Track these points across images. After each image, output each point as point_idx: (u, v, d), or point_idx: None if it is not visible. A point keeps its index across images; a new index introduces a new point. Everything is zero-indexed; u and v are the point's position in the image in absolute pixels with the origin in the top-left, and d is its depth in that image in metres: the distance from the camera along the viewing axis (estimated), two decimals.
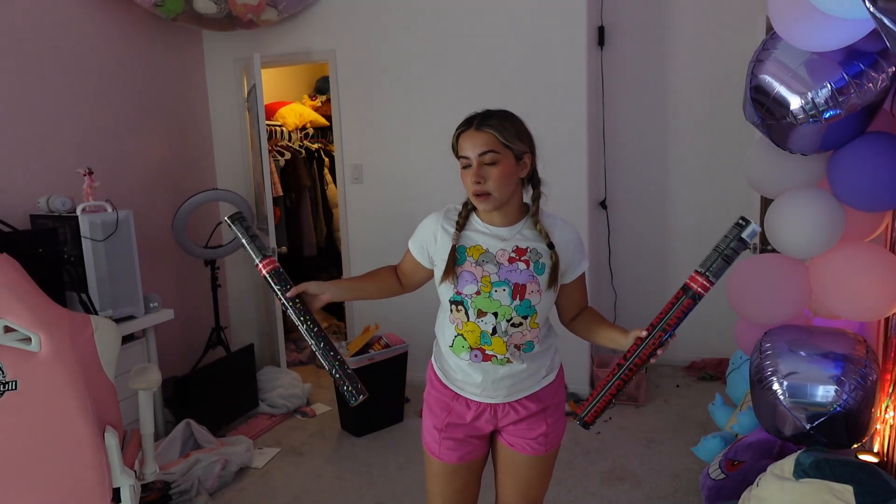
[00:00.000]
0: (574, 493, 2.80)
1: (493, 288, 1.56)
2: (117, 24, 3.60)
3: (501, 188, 1.54)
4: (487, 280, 1.57)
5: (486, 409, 1.68)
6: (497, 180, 1.53)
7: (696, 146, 4.10)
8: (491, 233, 1.61)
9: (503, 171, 1.54)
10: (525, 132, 1.61)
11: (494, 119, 1.57)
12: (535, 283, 1.57)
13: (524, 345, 1.62)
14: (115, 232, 2.89)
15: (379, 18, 3.90)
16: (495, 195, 1.54)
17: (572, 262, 1.63)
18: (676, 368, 4.24)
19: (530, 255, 1.58)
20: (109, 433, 1.87)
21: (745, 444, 2.48)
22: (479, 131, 1.55)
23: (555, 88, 3.65)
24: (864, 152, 2.08)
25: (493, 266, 1.58)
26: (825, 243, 2.26)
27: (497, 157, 1.54)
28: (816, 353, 2.15)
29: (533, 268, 1.58)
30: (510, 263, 1.57)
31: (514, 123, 1.59)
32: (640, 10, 4.07)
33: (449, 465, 1.73)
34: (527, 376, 1.66)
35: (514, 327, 1.59)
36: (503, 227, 1.61)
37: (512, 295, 1.56)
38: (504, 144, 1.54)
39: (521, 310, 1.58)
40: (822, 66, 1.95)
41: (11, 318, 1.74)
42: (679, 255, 4.24)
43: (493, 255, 1.58)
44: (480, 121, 1.57)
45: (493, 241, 1.60)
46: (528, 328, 1.60)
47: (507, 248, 1.58)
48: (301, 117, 5.07)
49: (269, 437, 3.47)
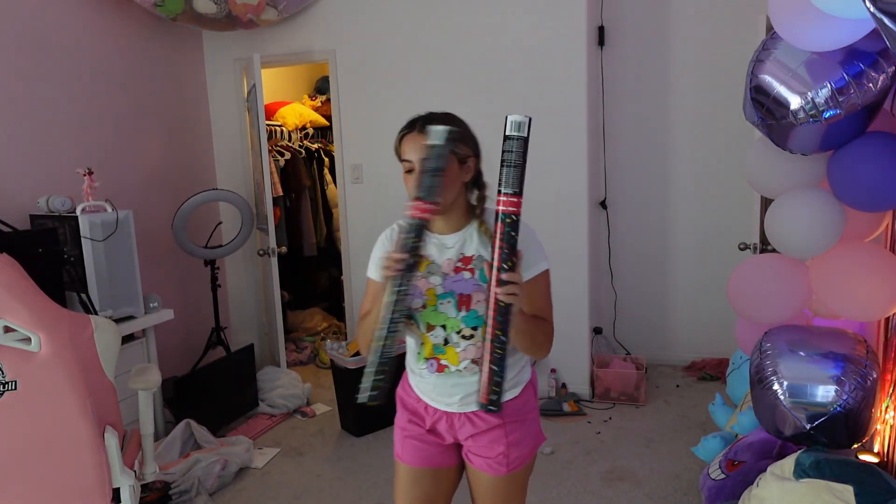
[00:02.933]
0: (574, 493, 2.80)
1: (439, 301, 1.51)
2: (117, 24, 3.60)
3: (445, 194, 1.47)
4: (432, 293, 1.52)
5: (442, 416, 1.62)
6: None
7: (696, 146, 4.10)
8: (436, 242, 1.55)
9: (446, 176, 1.46)
10: (469, 135, 1.57)
11: (437, 122, 1.49)
12: (481, 291, 1.50)
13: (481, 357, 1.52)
14: (115, 232, 2.89)
15: (379, 18, 3.90)
16: (440, 200, 1.46)
17: (525, 262, 1.48)
18: (676, 368, 4.24)
19: (476, 262, 1.52)
20: (109, 433, 1.88)
21: (745, 444, 2.48)
22: (422, 134, 1.47)
23: (555, 88, 3.65)
24: (864, 152, 2.08)
25: (439, 277, 1.52)
26: (825, 243, 2.26)
27: None
28: (816, 353, 2.15)
29: (478, 276, 1.51)
30: (455, 273, 1.51)
31: (458, 125, 1.54)
32: (640, 10, 4.07)
33: (411, 468, 1.67)
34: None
35: (466, 339, 1.52)
36: (448, 235, 1.55)
37: (457, 306, 1.50)
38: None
39: (469, 321, 1.51)
40: (822, 66, 1.95)
41: (11, 318, 1.74)
42: (679, 255, 4.24)
43: (439, 266, 1.53)
44: (423, 123, 1.50)
45: (439, 250, 1.54)
46: (480, 339, 1.49)
47: (452, 258, 1.53)
48: (301, 117, 5.07)
49: (269, 437, 3.47)
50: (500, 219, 1.31)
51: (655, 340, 4.34)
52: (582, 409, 3.64)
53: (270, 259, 3.95)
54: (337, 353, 3.46)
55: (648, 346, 4.31)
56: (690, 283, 4.23)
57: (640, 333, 4.34)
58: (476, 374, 1.51)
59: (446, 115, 1.56)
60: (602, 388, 3.76)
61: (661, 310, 4.32)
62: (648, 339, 4.33)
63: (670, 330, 4.33)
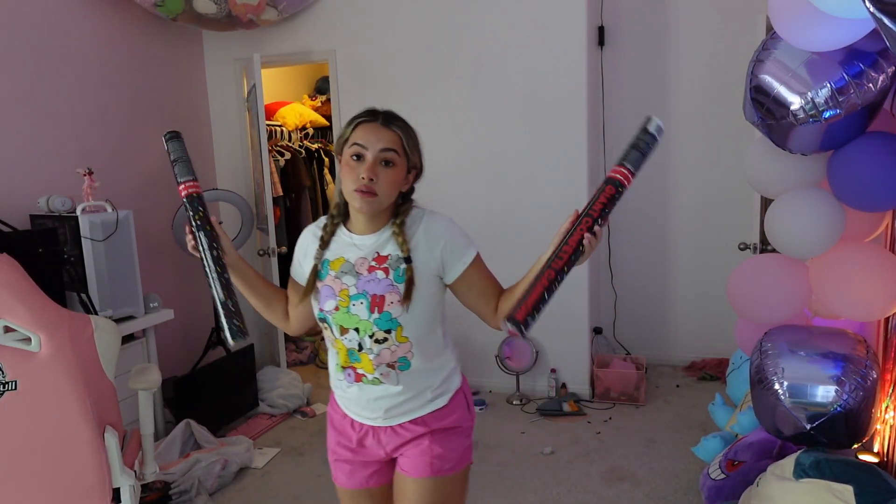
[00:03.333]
0: (574, 493, 2.80)
1: (351, 302, 1.43)
2: (117, 24, 3.60)
3: (389, 194, 1.42)
4: (346, 294, 1.44)
5: (368, 430, 1.54)
6: (388, 184, 1.41)
7: (696, 146, 4.10)
8: (353, 241, 1.48)
9: (396, 176, 1.42)
10: (420, 150, 1.50)
11: (401, 122, 1.48)
12: (396, 292, 1.42)
13: (397, 362, 1.46)
14: (115, 232, 2.89)
15: (379, 18, 3.90)
16: (381, 198, 1.41)
17: (449, 258, 1.47)
18: (676, 368, 4.24)
19: (391, 261, 1.44)
20: (109, 433, 1.88)
21: (745, 444, 2.48)
22: (386, 128, 1.44)
23: (555, 88, 3.65)
24: (864, 152, 2.08)
25: (352, 277, 1.45)
26: (825, 243, 2.26)
27: (396, 160, 1.42)
28: (816, 353, 2.15)
29: (393, 276, 1.43)
30: (369, 273, 1.44)
31: (416, 135, 1.49)
32: (640, 10, 4.07)
33: (346, 490, 1.61)
34: (405, 399, 1.49)
35: (379, 343, 1.44)
36: (366, 235, 1.48)
37: (370, 307, 1.42)
38: (405, 150, 1.44)
39: (382, 323, 1.43)
40: (822, 66, 1.95)
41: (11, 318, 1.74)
42: (679, 255, 4.24)
43: (353, 266, 1.46)
44: (387, 118, 1.47)
45: (354, 249, 1.48)
46: (395, 343, 1.44)
47: (367, 257, 1.45)
48: (301, 117, 5.07)
49: (269, 437, 3.47)
50: (613, 183, 1.34)
51: (655, 340, 4.34)
52: (582, 409, 3.64)
53: (270, 259, 3.95)
54: None
55: (648, 346, 4.31)
56: (690, 283, 4.23)
57: (640, 333, 4.34)
58: (397, 383, 1.47)
59: (406, 121, 1.50)
60: (602, 388, 3.76)
61: (661, 310, 4.32)
62: (648, 339, 4.33)
63: (670, 330, 4.33)
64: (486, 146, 3.82)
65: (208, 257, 1.46)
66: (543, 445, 3.23)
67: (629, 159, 1.41)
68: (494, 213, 3.84)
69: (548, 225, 3.68)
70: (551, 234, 1.44)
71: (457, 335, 1.49)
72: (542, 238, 1.62)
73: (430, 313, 1.48)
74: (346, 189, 1.42)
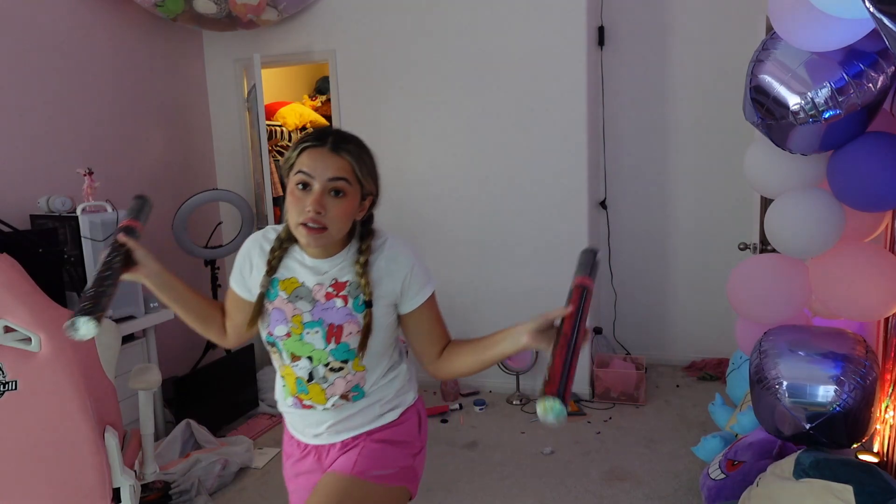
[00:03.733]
0: (574, 493, 2.80)
1: (305, 329, 1.34)
2: (117, 24, 3.60)
3: (340, 227, 1.30)
4: (299, 320, 1.34)
5: (311, 450, 1.46)
6: (339, 217, 1.27)
7: (696, 146, 4.10)
8: (306, 263, 1.37)
9: (347, 207, 1.29)
10: (376, 172, 1.37)
11: (353, 146, 1.32)
12: (355, 322, 1.33)
13: (351, 392, 1.39)
14: (115, 232, 2.88)
15: (379, 19, 3.90)
16: (332, 232, 1.28)
17: (409, 289, 1.37)
18: (676, 368, 4.24)
19: (350, 289, 1.34)
20: (109, 433, 1.88)
21: (745, 444, 2.48)
22: (336, 154, 1.28)
23: (555, 88, 3.65)
24: (864, 152, 2.08)
25: (307, 303, 1.34)
26: (825, 243, 2.26)
27: (347, 189, 1.27)
28: (816, 353, 2.15)
29: (352, 304, 1.33)
30: (327, 300, 1.33)
31: (370, 158, 1.35)
32: (640, 10, 4.07)
33: None
34: (353, 414, 1.41)
35: (334, 372, 1.36)
36: (323, 259, 1.36)
37: (326, 337, 1.33)
38: (357, 178, 1.30)
39: (339, 354, 1.34)
40: (821, 66, 1.95)
41: (11, 318, 1.75)
42: (679, 256, 4.24)
43: (310, 290, 1.35)
44: (337, 142, 1.30)
45: (310, 273, 1.36)
46: (351, 372, 1.37)
47: (324, 282, 1.34)
48: (301, 117, 5.07)
49: (269, 437, 3.47)
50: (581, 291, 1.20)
51: (655, 340, 4.34)
52: (582, 409, 3.64)
53: None
54: None
55: (648, 346, 4.31)
56: (690, 283, 4.23)
57: (640, 333, 4.34)
58: (350, 408, 1.39)
59: (360, 141, 1.35)
60: (602, 387, 3.76)
61: (661, 310, 4.32)
62: (648, 339, 4.33)
63: (670, 330, 4.33)
64: (485, 146, 3.82)
65: (101, 260, 1.39)
66: (543, 445, 3.23)
67: (582, 269, 1.29)
68: (494, 213, 3.84)
69: (548, 225, 3.71)
70: (551, 233, 1.44)
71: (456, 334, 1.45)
72: (541, 238, 1.62)
73: (387, 340, 1.41)
74: (291, 221, 1.30)
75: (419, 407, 1.52)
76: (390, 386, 1.44)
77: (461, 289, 3.91)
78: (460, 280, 3.91)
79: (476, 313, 3.87)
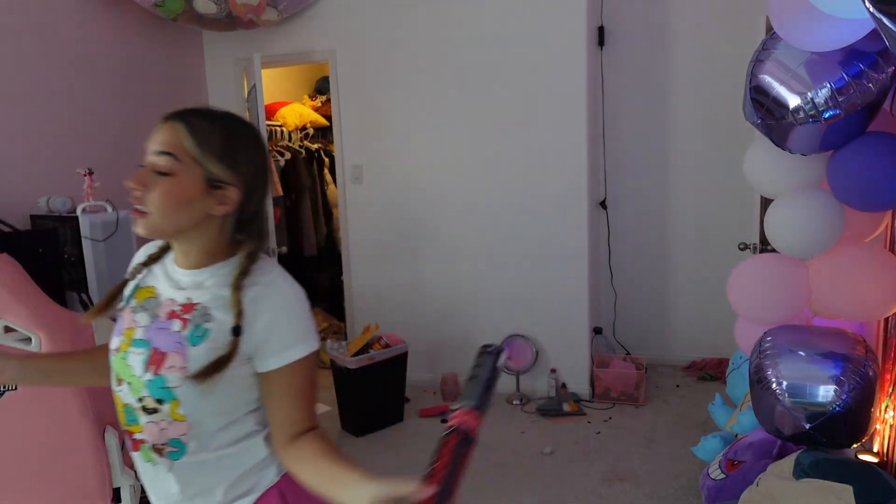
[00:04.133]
0: (574, 492, 2.80)
1: (132, 347, 1.09)
2: (117, 24, 3.60)
3: (164, 212, 1.04)
4: (130, 335, 1.10)
5: None
6: (159, 199, 1.03)
7: (696, 146, 4.10)
8: (170, 273, 1.14)
9: (173, 189, 1.03)
10: (244, 156, 1.09)
11: (196, 118, 1.08)
12: (181, 355, 1.04)
13: (167, 444, 1.07)
14: (115, 232, 2.89)
15: (379, 18, 3.90)
16: (156, 220, 1.04)
17: (266, 342, 1.06)
18: (676, 368, 4.24)
19: (196, 313, 1.07)
20: (109, 433, 1.88)
21: (745, 444, 2.48)
22: (167, 124, 1.07)
23: (555, 88, 3.65)
24: (864, 152, 2.08)
25: (147, 317, 1.10)
26: (825, 243, 2.26)
27: (174, 168, 1.03)
28: (816, 352, 2.15)
29: (189, 332, 1.05)
30: (167, 319, 1.08)
31: (226, 135, 1.08)
32: (640, 10, 4.07)
33: None
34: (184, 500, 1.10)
35: (147, 413, 1.07)
36: (186, 270, 1.11)
37: (146, 363, 1.06)
38: (191, 155, 1.04)
39: (154, 389, 1.05)
40: (821, 66, 1.95)
41: (11, 318, 1.75)
42: (679, 255, 4.24)
43: (160, 303, 1.10)
44: (179, 112, 1.09)
45: (169, 285, 1.12)
46: (167, 419, 1.06)
47: (177, 298, 1.09)
48: (301, 117, 5.07)
49: None
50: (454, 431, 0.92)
51: (655, 340, 4.34)
52: (582, 408, 3.64)
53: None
54: (337, 353, 3.47)
55: (648, 346, 4.31)
56: (690, 283, 4.23)
57: (640, 333, 4.34)
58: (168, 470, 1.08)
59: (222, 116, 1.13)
60: (602, 387, 3.76)
61: (661, 310, 4.32)
62: (648, 339, 4.33)
63: (670, 330, 4.33)
64: (485, 146, 3.82)
65: None
66: (543, 445, 3.23)
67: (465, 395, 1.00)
68: (494, 213, 3.84)
69: (548, 225, 3.71)
70: (551, 233, 1.40)
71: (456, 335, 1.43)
72: (541, 238, 1.61)
73: (229, 399, 1.08)
74: None
75: (282, 487, 1.13)
76: (233, 468, 1.10)
77: (461, 288, 3.90)
78: (460, 280, 3.91)
79: (476, 313, 3.87)
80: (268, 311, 1.06)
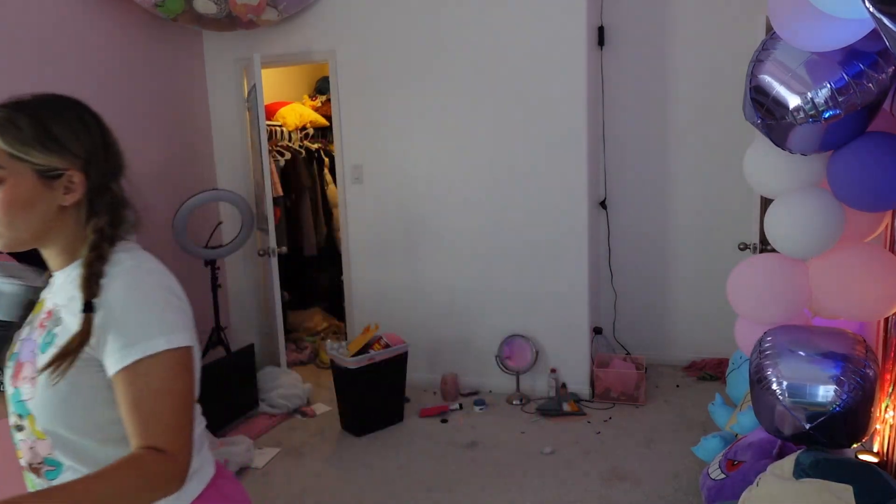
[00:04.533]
0: (574, 493, 2.80)
1: (9, 362, 1.04)
2: (117, 24, 3.60)
3: (9, 223, 0.96)
4: (12, 349, 1.07)
5: None
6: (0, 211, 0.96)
7: (696, 146, 4.10)
8: (54, 280, 1.08)
9: (8, 197, 0.95)
10: (67, 133, 0.99)
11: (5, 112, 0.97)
12: (32, 363, 0.99)
13: (43, 464, 1.01)
14: None
15: (379, 19, 3.90)
16: (3, 232, 0.98)
17: (105, 337, 0.95)
18: (676, 368, 4.24)
19: (52, 320, 1.01)
20: None
21: (745, 444, 2.48)
22: None
23: (555, 88, 3.65)
24: (864, 152, 2.08)
25: (28, 329, 1.06)
26: (825, 243, 2.26)
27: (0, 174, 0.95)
28: (816, 352, 2.15)
29: (41, 340, 1.00)
30: (40, 328, 1.03)
31: (37, 118, 0.97)
32: (640, 10, 4.07)
33: None
34: None
35: (18, 431, 1.02)
36: (57, 273, 1.05)
37: (12, 377, 1.02)
38: (9, 154, 0.95)
39: (15, 403, 1.01)
40: (821, 66, 1.95)
41: None
42: (679, 255, 4.24)
43: (39, 314, 1.06)
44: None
45: (52, 293, 1.06)
46: (31, 437, 1.00)
47: (48, 305, 1.05)
48: (301, 117, 5.07)
49: (269, 437, 3.47)
50: None
51: (655, 340, 4.34)
52: (582, 408, 3.64)
53: (270, 259, 3.95)
54: (337, 353, 3.47)
55: (648, 346, 4.31)
56: (690, 283, 4.23)
57: (640, 333, 4.34)
58: (45, 486, 1.02)
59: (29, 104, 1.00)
60: (602, 387, 3.76)
61: (661, 310, 4.32)
62: (648, 339, 4.33)
63: (670, 330, 4.33)
64: (485, 146, 3.82)
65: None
66: (543, 445, 3.23)
67: None
68: (494, 213, 3.84)
69: (548, 225, 3.71)
70: (551, 233, 1.41)
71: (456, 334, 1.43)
72: (541, 238, 1.61)
73: (82, 412, 0.97)
74: None
75: (210, 494, 1.06)
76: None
77: (462, 288, 3.90)
78: (461, 280, 3.91)
79: (476, 313, 3.87)
80: (104, 306, 0.95)
